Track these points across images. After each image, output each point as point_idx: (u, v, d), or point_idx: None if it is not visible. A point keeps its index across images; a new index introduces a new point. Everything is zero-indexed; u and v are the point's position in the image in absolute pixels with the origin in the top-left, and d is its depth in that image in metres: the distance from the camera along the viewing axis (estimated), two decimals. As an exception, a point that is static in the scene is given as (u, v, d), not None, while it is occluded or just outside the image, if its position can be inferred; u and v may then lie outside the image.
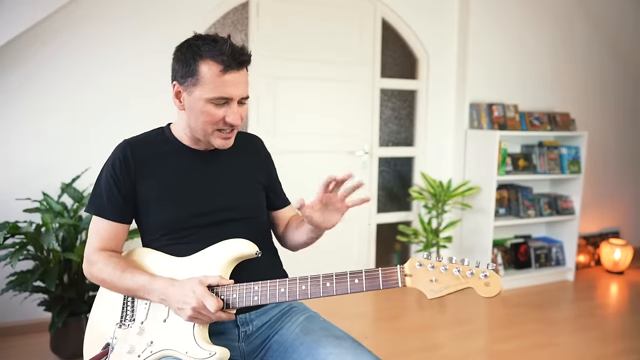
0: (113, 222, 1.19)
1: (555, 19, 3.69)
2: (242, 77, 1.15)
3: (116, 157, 1.21)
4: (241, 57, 1.13)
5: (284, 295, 1.06)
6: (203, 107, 1.13)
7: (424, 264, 1.01)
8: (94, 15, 2.57)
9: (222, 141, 1.18)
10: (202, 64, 1.11)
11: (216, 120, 1.14)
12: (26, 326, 2.57)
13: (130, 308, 1.16)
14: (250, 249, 1.13)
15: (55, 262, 2.23)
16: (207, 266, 1.13)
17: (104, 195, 1.19)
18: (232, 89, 1.12)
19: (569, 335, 2.75)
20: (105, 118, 2.65)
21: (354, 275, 1.03)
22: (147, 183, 1.19)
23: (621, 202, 4.23)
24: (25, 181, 2.53)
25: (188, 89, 1.14)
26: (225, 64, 1.10)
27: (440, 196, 3.32)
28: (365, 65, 3.31)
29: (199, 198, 1.20)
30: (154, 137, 1.27)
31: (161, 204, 1.19)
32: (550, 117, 3.56)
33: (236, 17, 2.97)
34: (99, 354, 1.14)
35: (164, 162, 1.22)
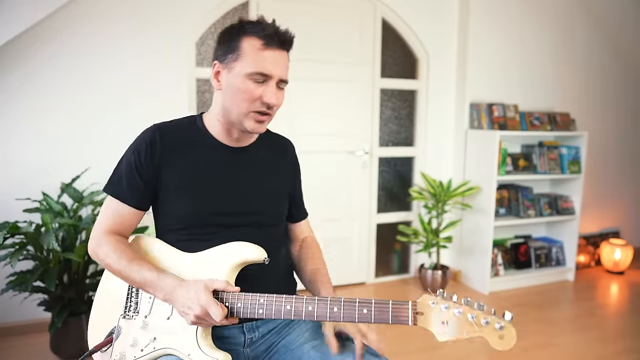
0: (129, 207, 1.16)
1: (555, 19, 3.68)
2: (282, 58, 1.13)
3: (143, 141, 1.16)
4: (284, 36, 1.12)
5: (289, 313, 1.03)
6: (242, 83, 1.10)
7: (437, 303, 0.95)
8: (93, 15, 2.57)
9: (256, 124, 1.14)
10: (245, 40, 1.11)
11: (253, 98, 1.11)
12: (26, 326, 2.57)
13: (135, 300, 1.14)
14: (259, 255, 1.10)
15: (55, 262, 2.23)
16: (212, 266, 1.11)
17: (124, 178, 1.16)
18: (271, 66, 1.10)
19: (569, 335, 2.75)
20: (105, 118, 2.65)
21: (362, 304, 0.99)
22: (172, 171, 1.15)
23: (621, 202, 4.23)
24: (25, 181, 2.53)
25: (228, 65, 1.12)
26: (267, 38, 1.10)
27: (440, 196, 3.32)
28: (365, 65, 3.31)
29: (221, 196, 1.17)
30: (185, 125, 1.22)
31: (182, 195, 1.15)
32: (551, 117, 3.55)
33: (236, 17, 2.97)
34: (103, 341, 1.12)
35: (192, 153, 1.17)
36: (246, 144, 1.23)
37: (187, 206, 1.15)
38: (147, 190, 1.16)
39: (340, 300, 1.00)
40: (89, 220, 2.30)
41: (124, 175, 1.16)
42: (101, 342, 1.13)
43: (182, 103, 2.81)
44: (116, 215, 1.17)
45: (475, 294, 3.34)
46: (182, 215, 1.15)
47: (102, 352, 1.14)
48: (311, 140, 3.18)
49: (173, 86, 2.78)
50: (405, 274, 3.68)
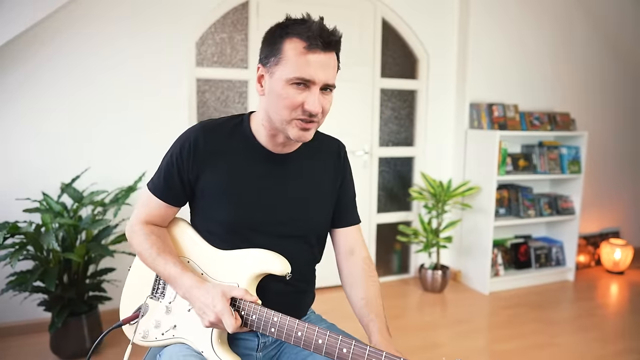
0: (163, 203, 1.16)
1: (555, 19, 3.68)
2: (328, 60, 1.04)
3: (186, 140, 1.13)
4: (330, 37, 1.03)
5: (299, 340, 1.00)
6: (283, 88, 1.03)
7: None
8: (93, 15, 2.57)
9: (300, 132, 1.06)
10: (287, 41, 1.03)
11: (295, 105, 1.03)
12: (26, 326, 2.57)
13: (162, 283, 1.17)
14: (282, 269, 1.07)
15: (55, 262, 2.23)
16: (235, 269, 1.10)
17: (162, 174, 1.15)
18: (314, 71, 1.02)
19: (569, 335, 2.74)
20: (105, 118, 2.65)
21: (372, 355, 0.91)
22: (212, 174, 1.13)
23: (621, 202, 4.23)
24: (25, 181, 2.53)
25: (270, 69, 1.05)
26: (311, 40, 1.01)
27: (440, 196, 3.32)
28: (365, 65, 3.31)
29: (261, 205, 1.13)
30: (231, 126, 1.17)
31: (221, 200, 1.13)
32: (551, 117, 3.55)
33: (236, 17, 2.97)
34: (131, 315, 1.16)
35: (236, 157, 1.14)
36: (292, 149, 1.18)
37: (225, 212, 1.13)
38: (183, 189, 1.15)
39: (351, 343, 0.94)
40: (89, 220, 2.30)
41: (162, 172, 1.16)
42: (129, 316, 1.16)
43: (182, 103, 2.81)
44: (152, 208, 1.18)
45: (475, 294, 3.34)
46: (220, 220, 1.14)
47: (131, 325, 1.17)
48: (311, 140, 3.17)
49: (173, 86, 2.78)
50: (405, 274, 3.68)
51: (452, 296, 3.32)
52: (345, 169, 1.27)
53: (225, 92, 3.02)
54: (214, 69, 2.93)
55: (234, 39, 2.99)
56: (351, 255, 1.27)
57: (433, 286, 3.34)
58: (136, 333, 1.16)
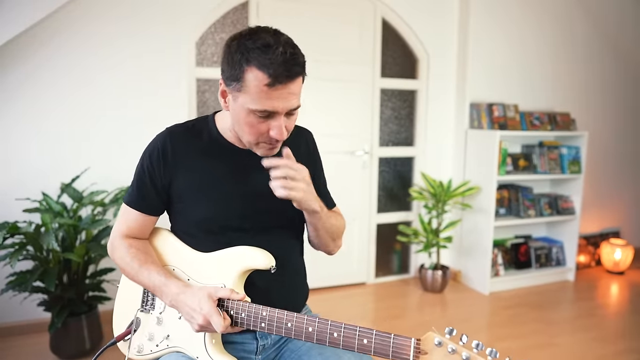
0: (140, 213, 1.16)
1: (555, 19, 3.68)
2: (292, 89, 1.01)
3: (154, 148, 1.14)
4: (293, 68, 0.99)
5: (289, 331, 1.00)
6: (246, 117, 1.02)
7: (443, 344, 0.86)
8: (93, 15, 2.57)
9: (266, 151, 1.09)
10: (249, 71, 0.98)
11: (259, 133, 1.04)
12: (26, 326, 2.57)
13: (151, 295, 1.17)
14: (265, 263, 1.07)
15: (55, 262, 2.23)
16: (220, 269, 1.10)
17: (136, 185, 1.16)
18: (278, 103, 1.00)
19: (569, 335, 2.74)
20: (104, 118, 2.65)
21: (363, 334, 0.93)
22: (186, 174, 1.14)
23: (621, 202, 4.23)
24: (24, 181, 2.53)
25: (233, 92, 1.03)
26: (273, 76, 0.97)
27: (440, 196, 3.32)
28: (365, 65, 3.30)
29: (237, 198, 1.14)
30: (198, 128, 1.18)
31: (199, 198, 1.14)
32: (551, 117, 3.55)
33: (236, 17, 2.97)
34: (124, 332, 1.16)
35: (206, 155, 1.15)
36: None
37: (202, 210, 1.14)
38: (158, 196, 1.16)
39: (341, 326, 0.96)
40: (89, 220, 2.30)
41: (136, 183, 1.16)
42: (123, 333, 1.16)
43: (182, 103, 2.81)
44: (129, 220, 1.18)
45: (475, 294, 3.34)
46: (198, 219, 1.14)
47: (125, 341, 1.17)
48: (311, 140, 3.17)
49: (173, 86, 2.78)
50: (406, 274, 3.68)
51: (452, 296, 3.31)
52: (315, 157, 1.30)
53: (225, 92, 3.01)
54: (214, 69, 2.93)
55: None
56: None
57: (433, 286, 3.34)
58: (131, 348, 1.15)
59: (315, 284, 3.28)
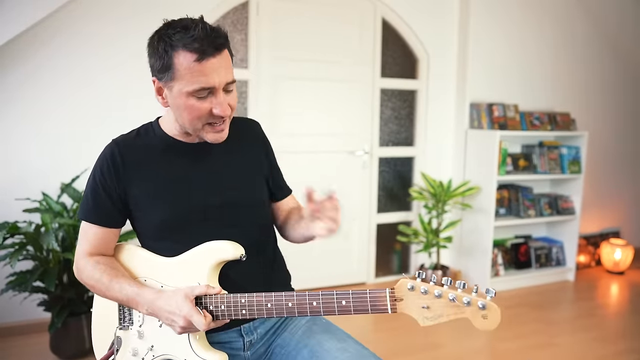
0: (100, 227, 1.14)
1: (555, 19, 3.68)
2: (222, 62, 1.03)
3: (104, 160, 1.13)
4: (216, 40, 1.02)
5: (270, 311, 1.02)
6: (186, 102, 1.03)
7: (416, 287, 0.91)
8: (93, 15, 2.57)
9: (215, 135, 1.09)
10: (176, 55, 1.01)
11: (203, 114, 1.05)
12: (26, 326, 2.57)
13: (128, 311, 1.15)
14: (234, 252, 1.06)
15: (55, 262, 2.23)
16: (192, 269, 1.09)
17: (90, 199, 1.13)
18: (212, 77, 1.01)
19: (569, 335, 2.74)
20: (105, 118, 2.65)
21: (341, 297, 0.98)
22: (139, 183, 1.13)
23: (621, 202, 4.23)
24: (24, 181, 2.53)
25: (167, 84, 1.05)
26: (200, 50, 1.00)
27: (440, 196, 3.32)
28: (365, 65, 3.30)
29: (194, 194, 1.13)
30: (143, 134, 1.19)
31: (155, 203, 1.12)
32: (551, 117, 3.55)
33: (236, 17, 2.97)
34: (107, 353, 1.14)
35: (156, 160, 1.14)
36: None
37: (161, 212, 1.12)
38: (115, 207, 1.14)
39: (318, 294, 1.00)
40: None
41: (89, 196, 1.14)
42: (105, 355, 1.15)
43: (182, 103, 2.81)
44: (91, 237, 1.15)
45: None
46: (158, 221, 1.13)
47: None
48: (311, 140, 3.17)
49: (173, 86, 2.78)
50: (406, 274, 3.68)
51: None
52: (265, 143, 1.30)
53: (225, 92, 3.02)
54: (214, 69, 2.93)
55: (234, 39, 2.98)
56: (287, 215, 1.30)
57: (433, 286, 3.33)
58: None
59: (315, 284, 3.28)
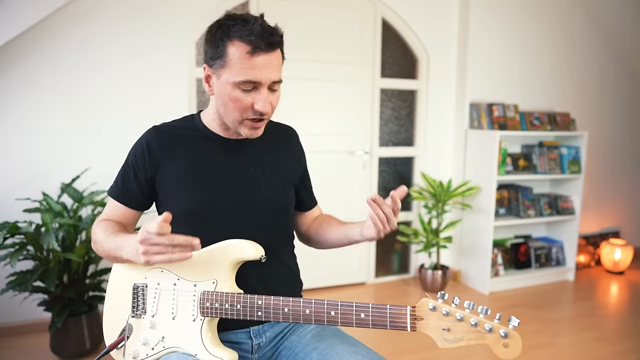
0: (122, 205, 1.19)
1: (555, 19, 3.68)
2: (272, 60, 1.06)
3: (140, 144, 1.18)
4: (271, 37, 1.05)
5: (287, 316, 1.02)
6: (231, 92, 1.07)
7: (438, 308, 0.90)
8: (93, 15, 2.57)
9: (250, 130, 1.12)
10: (230, 45, 1.04)
11: (244, 107, 1.08)
12: (26, 326, 2.57)
13: (141, 299, 1.15)
14: (255, 253, 1.07)
15: (55, 262, 2.23)
16: (210, 265, 1.10)
17: (121, 179, 1.19)
18: (260, 72, 1.05)
19: (569, 335, 2.74)
20: (105, 118, 2.65)
21: (360, 309, 0.97)
22: (171, 169, 1.15)
23: (621, 202, 4.23)
24: (25, 181, 2.53)
25: (217, 72, 1.08)
26: (254, 44, 1.03)
27: (440, 196, 3.32)
28: (365, 65, 3.31)
29: (223, 188, 1.15)
30: (183, 123, 1.22)
31: (183, 191, 1.15)
32: (551, 117, 3.55)
33: (236, 17, 2.96)
34: (117, 340, 1.14)
35: (191, 148, 1.17)
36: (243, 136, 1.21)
37: (186, 200, 1.14)
38: (140, 191, 1.18)
39: (337, 304, 0.99)
40: (89, 220, 2.30)
41: (120, 177, 1.19)
42: (115, 341, 1.14)
43: (182, 103, 2.81)
44: (111, 212, 1.21)
45: (475, 294, 3.34)
46: (181, 210, 1.13)
47: (118, 350, 1.15)
48: (311, 140, 3.16)
49: (173, 86, 2.78)
50: (405, 274, 3.68)
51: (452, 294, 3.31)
52: (300, 153, 1.34)
53: (225, 92, 3.02)
54: (214, 69, 2.93)
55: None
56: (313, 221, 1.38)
57: (433, 286, 3.34)
58: (125, 355, 1.13)
59: (315, 283, 3.28)
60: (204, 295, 1.08)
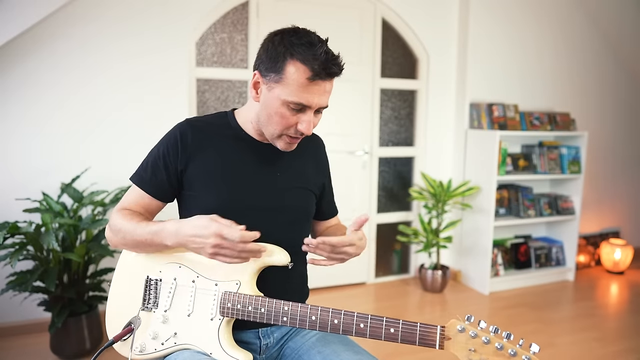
0: (149, 196, 1.16)
1: (555, 19, 3.68)
2: (327, 87, 1.09)
3: (173, 134, 1.15)
4: (333, 67, 1.06)
5: (314, 324, 1.02)
6: (279, 108, 1.07)
7: (466, 330, 0.96)
8: (93, 15, 2.57)
9: (286, 145, 1.13)
10: (291, 64, 1.04)
11: (288, 125, 1.09)
12: (26, 326, 2.57)
13: (154, 293, 1.13)
14: (283, 259, 1.08)
15: (55, 262, 2.23)
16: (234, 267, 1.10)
17: (150, 168, 1.16)
18: (313, 98, 1.06)
19: (569, 335, 2.75)
20: (105, 118, 2.65)
21: (390, 324, 0.99)
22: (200, 164, 1.14)
23: (621, 202, 4.23)
24: (25, 181, 2.53)
25: (269, 83, 1.07)
26: (315, 71, 1.03)
27: (440, 196, 3.32)
28: (365, 65, 3.31)
29: (249, 189, 1.15)
30: (217, 120, 1.21)
31: (210, 185, 1.14)
32: (551, 117, 3.55)
33: (236, 17, 2.97)
34: (122, 331, 1.12)
35: (222, 146, 1.16)
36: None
37: (214, 197, 1.13)
38: (169, 182, 1.16)
39: (367, 317, 0.99)
40: (89, 220, 2.30)
41: (149, 165, 1.17)
42: (120, 332, 1.12)
43: (182, 103, 2.81)
44: (133, 200, 1.18)
45: (475, 294, 3.34)
46: (208, 206, 1.12)
47: (123, 342, 1.14)
48: (311, 140, 3.17)
49: (173, 86, 2.78)
50: (405, 274, 3.68)
51: (452, 296, 3.32)
52: (326, 163, 1.36)
53: (225, 92, 3.02)
54: (214, 69, 2.93)
55: (234, 39, 2.99)
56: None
57: (433, 286, 3.34)
58: (132, 348, 1.12)
59: (315, 283, 3.28)
60: (226, 296, 1.07)
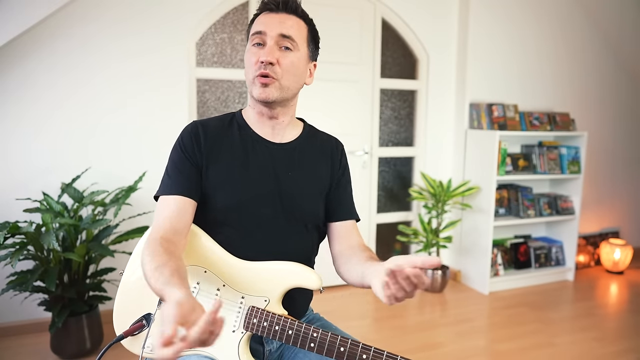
0: (179, 197, 1.07)
1: (555, 19, 3.69)
2: (282, 18, 1.11)
3: (187, 134, 1.13)
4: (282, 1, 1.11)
5: (341, 355, 0.98)
6: (248, 52, 1.12)
7: None
8: (93, 15, 2.57)
9: (260, 89, 1.09)
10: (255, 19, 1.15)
11: (253, 62, 1.09)
12: (26, 326, 2.57)
13: None
14: (316, 284, 1.06)
15: (56, 262, 2.23)
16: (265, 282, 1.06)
17: (172, 171, 1.10)
18: (264, 25, 1.10)
19: (568, 335, 2.75)
20: (105, 118, 2.65)
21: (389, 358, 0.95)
22: (214, 165, 1.12)
23: (621, 202, 4.24)
24: (25, 181, 2.53)
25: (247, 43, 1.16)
26: (263, 4, 1.12)
27: (440, 196, 3.32)
28: (365, 65, 3.31)
29: (260, 190, 1.13)
30: (224, 121, 1.19)
31: (222, 188, 1.11)
32: (550, 117, 3.56)
33: (236, 17, 2.97)
34: (133, 326, 1.08)
35: (233, 147, 1.15)
36: (288, 139, 1.20)
37: (224, 199, 1.11)
38: (198, 174, 1.11)
39: (397, 357, 0.96)
40: (89, 220, 2.30)
41: (171, 169, 1.11)
42: (131, 327, 1.08)
43: (182, 103, 2.81)
44: (167, 213, 1.06)
45: (475, 294, 3.35)
46: (220, 207, 1.11)
47: (132, 338, 1.10)
48: (311, 140, 3.17)
49: (173, 86, 2.78)
50: None
51: (451, 296, 3.32)
52: (342, 165, 1.29)
53: (225, 92, 3.02)
54: (214, 69, 2.94)
55: (234, 39, 2.99)
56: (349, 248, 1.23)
57: (433, 286, 3.34)
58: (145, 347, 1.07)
59: (315, 283, 3.28)
60: (252, 311, 1.04)
